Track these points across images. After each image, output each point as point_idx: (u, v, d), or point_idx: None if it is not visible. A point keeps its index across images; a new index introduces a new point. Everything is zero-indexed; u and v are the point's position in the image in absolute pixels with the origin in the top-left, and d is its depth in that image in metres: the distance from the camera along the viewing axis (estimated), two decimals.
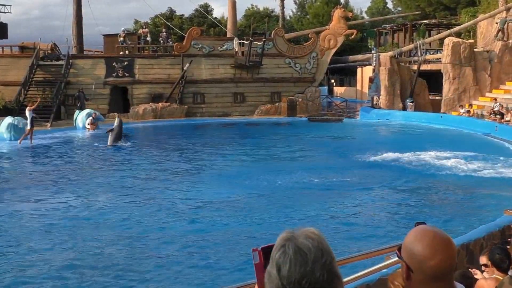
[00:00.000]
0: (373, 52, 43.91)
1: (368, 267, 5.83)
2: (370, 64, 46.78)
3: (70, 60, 40.95)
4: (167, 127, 36.17)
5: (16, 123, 29.83)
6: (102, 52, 45.12)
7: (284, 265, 1.97)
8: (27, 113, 28.59)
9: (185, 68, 41.30)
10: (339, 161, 23.51)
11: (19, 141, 28.36)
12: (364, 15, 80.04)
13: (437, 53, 43.42)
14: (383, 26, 63.61)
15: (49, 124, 35.45)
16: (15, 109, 33.54)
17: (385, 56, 42.17)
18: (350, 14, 47.48)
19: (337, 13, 44.73)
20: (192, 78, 42.23)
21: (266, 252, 2.11)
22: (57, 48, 43.65)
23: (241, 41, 43.48)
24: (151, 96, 41.60)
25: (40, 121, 35.74)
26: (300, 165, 22.47)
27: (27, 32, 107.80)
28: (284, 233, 2.07)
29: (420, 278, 2.43)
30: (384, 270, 6.26)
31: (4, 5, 40.19)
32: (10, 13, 40.66)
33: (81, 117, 34.43)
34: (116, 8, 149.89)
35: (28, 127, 28.60)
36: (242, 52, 42.76)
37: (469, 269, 6.56)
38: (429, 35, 52.09)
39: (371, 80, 42.40)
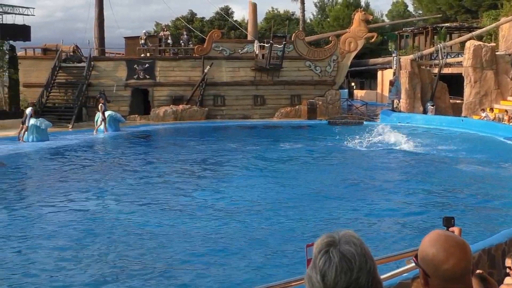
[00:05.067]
0: (393, 55, 43.77)
1: (388, 271, 5.86)
2: (390, 67, 46.66)
3: (92, 62, 41.23)
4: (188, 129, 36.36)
5: (38, 124, 30.06)
6: (123, 54, 45.37)
7: (329, 272, 1.95)
8: None
9: (205, 70, 41.45)
10: (361, 163, 23.49)
11: None
12: (385, 18, 79.69)
13: (458, 57, 43.21)
14: (403, 29, 63.43)
15: (70, 126, 35.67)
16: (38, 111, 33.78)
17: (405, 59, 42.05)
18: (370, 17, 47.38)
19: (358, 16, 44.66)
20: (213, 80, 42.35)
21: None
22: (79, 50, 43.96)
23: (262, 43, 43.55)
24: (172, 98, 41.77)
25: (61, 122, 36.10)
26: (321, 168, 22.49)
27: (50, 34, 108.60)
28: (324, 237, 2.06)
29: (437, 282, 2.45)
30: (405, 274, 6.29)
31: (28, 8, 40.51)
32: (34, 15, 40.91)
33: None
34: (137, 10, 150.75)
35: None
36: (263, 55, 42.83)
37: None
38: (450, 38, 51.86)
39: (391, 83, 42.26)
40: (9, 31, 38.70)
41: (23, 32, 39.60)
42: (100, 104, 34.38)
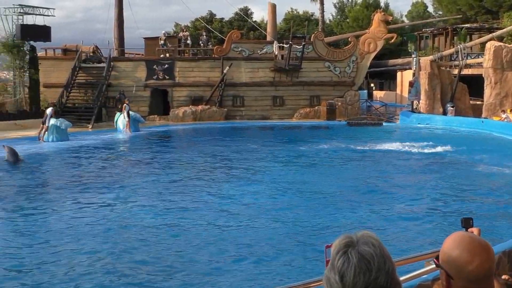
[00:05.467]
0: (413, 56, 43.61)
1: (407, 273, 5.84)
2: (410, 68, 46.50)
3: (112, 63, 41.46)
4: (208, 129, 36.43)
5: (58, 124, 30.27)
6: (143, 54, 45.58)
7: (347, 273, 1.95)
8: None
9: (225, 71, 41.55)
10: (380, 163, 23.43)
11: None
12: (404, 19, 79.40)
13: (478, 57, 42.96)
14: (423, 29, 63.13)
15: (90, 126, 35.88)
16: (58, 111, 33.99)
17: (425, 60, 41.85)
18: (390, 18, 47.24)
19: (377, 16, 44.59)
20: (232, 81, 42.43)
21: None
22: (99, 51, 44.25)
23: (281, 44, 43.60)
24: (191, 99, 41.92)
25: (81, 122, 36.33)
26: (340, 169, 22.46)
27: (70, 35, 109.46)
28: (343, 238, 2.06)
29: (461, 284, 2.42)
30: (424, 276, 6.27)
31: (48, 9, 40.80)
32: (54, 16, 41.19)
33: (122, 119, 34.73)
34: (157, 11, 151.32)
35: None
36: (282, 56, 42.86)
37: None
38: (471, 39, 51.50)
39: (411, 84, 42.09)
40: (30, 32, 39.05)
41: (43, 32, 39.92)
42: (125, 104, 34.54)
